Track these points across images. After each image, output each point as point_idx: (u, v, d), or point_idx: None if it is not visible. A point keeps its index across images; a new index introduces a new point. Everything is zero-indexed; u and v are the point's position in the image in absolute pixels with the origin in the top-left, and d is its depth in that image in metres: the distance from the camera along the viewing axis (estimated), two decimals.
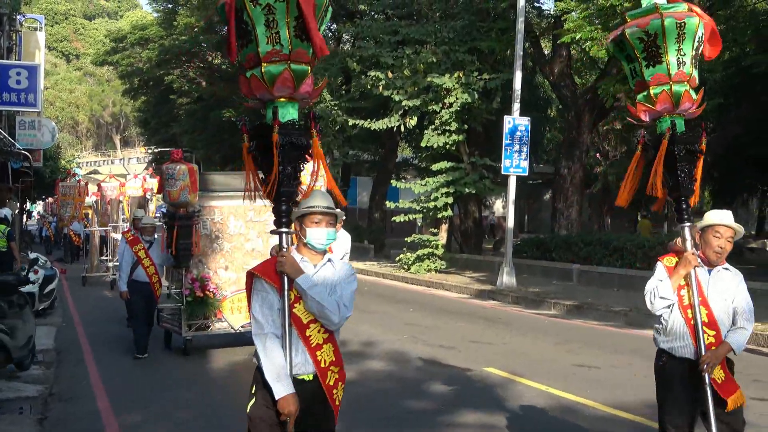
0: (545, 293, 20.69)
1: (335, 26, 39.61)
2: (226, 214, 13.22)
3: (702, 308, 5.92)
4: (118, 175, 31.93)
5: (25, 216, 49.10)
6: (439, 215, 27.11)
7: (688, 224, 5.92)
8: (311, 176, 5.13)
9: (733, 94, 22.31)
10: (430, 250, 27.15)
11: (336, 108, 29.93)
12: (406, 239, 28.39)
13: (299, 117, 4.98)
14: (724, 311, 6.04)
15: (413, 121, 26.93)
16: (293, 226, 5.12)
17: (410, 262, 27.41)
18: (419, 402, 9.82)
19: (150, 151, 66.05)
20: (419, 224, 34.58)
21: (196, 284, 12.68)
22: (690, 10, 5.53)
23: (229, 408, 9.56)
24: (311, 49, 4.79)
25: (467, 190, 26.64)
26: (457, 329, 15.79)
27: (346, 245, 13.40)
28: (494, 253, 33.63)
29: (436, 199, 26.44)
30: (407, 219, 27.95)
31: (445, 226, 29.64)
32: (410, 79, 26.22)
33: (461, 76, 25.77)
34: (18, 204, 28.13)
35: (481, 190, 27.16)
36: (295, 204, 5.08)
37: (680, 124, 5.85)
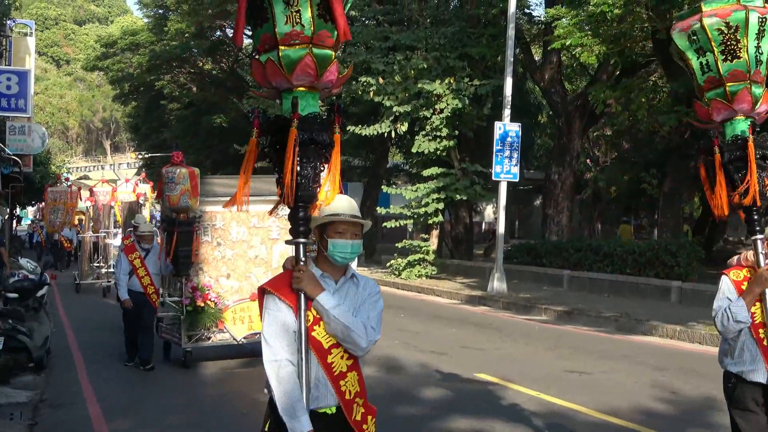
0: (536, 299, 20.72)
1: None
2: (228, 220, 12.68)
3: None
4: (109, 181, 31.68)
5: (15, 221, 48.96)
6: (430, 221, 27.13)
7: (761, 236, 5.35)
8: (325, 179, 4.39)
9: None
10: (421, 255, 27.17)
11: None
12: (397, 245, 28.41)
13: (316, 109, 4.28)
14: None
15: (404, 127, 26.96)
16: (312, 236, 4.39)
17: (401, 268, 27.42)
18: (411, 408, 9.82)
19: (140, 156, 65.96)
20: (410, 230, 34.58)
21: (196, 293, 12.16)
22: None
23: (221, 415, 9.55)
24: (335, 32, 4.09)
25: (458, 195, 26.67)
26: (448, 335, 15.80)
27: None
28: (485, 258, 33.67)
29: (426, 204, 26.46)
30: (398, 225, 27.98)
31: (435, 232, 29.68)
32: (401, 85, 26.25)
33: (452, 82, 25.81)
34: (8, 209, 28.05)
35: (471, 195, 27.19)
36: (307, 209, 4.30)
37: (745, 127, 5.27)
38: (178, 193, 11.63)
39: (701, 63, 5.27)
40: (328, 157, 4.26)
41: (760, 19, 5.08)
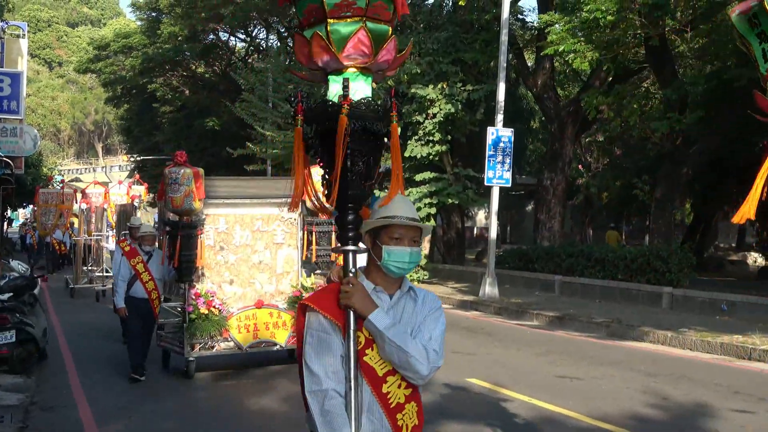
0: (527, 304, 20.74)
1: None
2: (231, 224, 12.24)
3: None
4: (101, 183, 31.44)
5: (6, 224, 48.80)
6: None
7: None
8: (381, 176, 3.84)
9: (715, 107, 22.47)
10: None
11: None
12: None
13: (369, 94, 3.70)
14: None
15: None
16: (363, 243, 3.81)
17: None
18: None
19: (132, 159, 65.84)
20: None
21: (200, 300, 11.63)
22: None
23: (214, 420, 9.54)
24: (392, 4, 3.58)
25: (450, 200, 26.70)
26: None
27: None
28: (477, 263, 33.68)
29: (419, 209, 26.47)
30: None
31: (428, 237, 29.66)
32: None
33: (445, 87, 25.84)
34: None
35: (464, 200, 27.21)
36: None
37: None
38: (182, 194, 11.06)
39: (764, 50, 4.64)
40: (383, 150, 3.74)
41: None
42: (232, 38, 50.68)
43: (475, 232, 52.79)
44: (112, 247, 23.05)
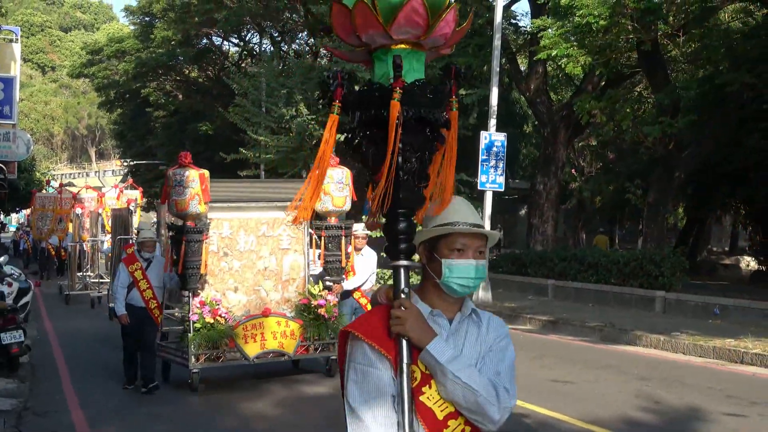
0: (521, 308, 20.76)
1: (312, 41, 39.70)
2: (235, 228, 11.74)
3: None
4: (93, 187, 31.17)
5: None
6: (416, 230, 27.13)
7: None
8: (436, 172, 3.12)
9: (707, 112, 22.54)
10: None
11: (313, 122, 29.94)
12: (382, 254, 28.37)
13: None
14: None
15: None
16: (418, 256, 3.15)
17: (386, 278, 27.42)
18: None
19: (126, 163, 65.79)
20: None
21: (205, 309, 11.00)
22: None
23: (207, 422, 9.54)
24: None
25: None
26: None
27: (372, 264, 12.71)
28: None
29: None
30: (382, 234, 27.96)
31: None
32: None
33: None
34: None
35: None
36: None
37: None
38: (187, 197, 10.46)
39: None
40: (440, 142, 3.04)
41: None
42: (226, 43, 50.71)
43: None
44: (106, 250, 22.89)
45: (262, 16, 40.44)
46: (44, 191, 32.08)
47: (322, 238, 11.91)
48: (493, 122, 22.82)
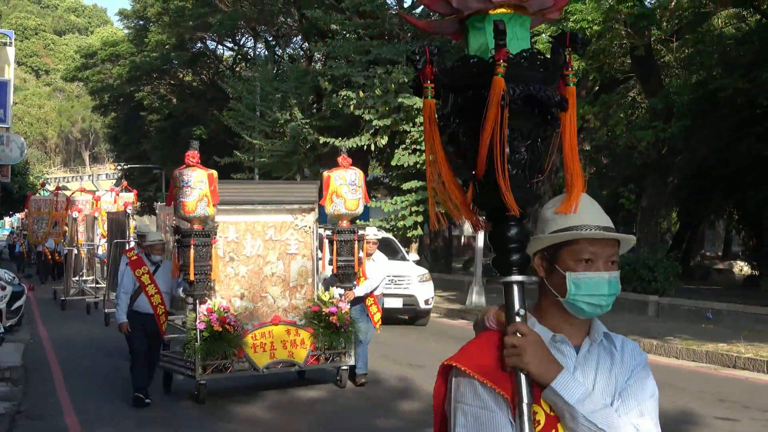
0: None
1: (307, 45, 39.74)
2: (242, 232, 11.18)
3: None
4: (88, 191, 30.88)
5: None
6: (409, 234, 27.16)
7: None
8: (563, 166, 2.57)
9: (701, 117, 22.61)
10: None
11: (307, 126, 29.98)
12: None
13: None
14: None
15: (384, 140, 27.02)
16: (535, 268, 2.54)
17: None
18: (389, 420, 9.85)
19: (119, 167, 65.78)
20: None
21: (213, 317, 10.32)
22: None
23: (200, 426, 9.55)
24: None
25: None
26: (426, 348, 15.83)
27: (384, 270, 12.32)
28: (464, 272, 33.72)
29: (404, 218, 26.51)
30: None
31: (415, 245, 29.71)
32: (381, 98, 26.32)
33: None
34: None
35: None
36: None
37: None
38: (195, 198, 9.92)
39: None
40: (554, 126, 2.43)
41: None
42: (220, 47, 50.79)
43: (463, 240, 52.84)
44: (101, 254, 22.66)
45: (256, 20, 40.50)
46: (39, 194, 31.91)
47: (334, 243, 11.32)
48: None
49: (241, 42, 48.94)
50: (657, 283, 21.05)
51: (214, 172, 10.31)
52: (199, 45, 48.11)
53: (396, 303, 18.43)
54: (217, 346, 10.34)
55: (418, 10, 31.42)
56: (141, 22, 50.33)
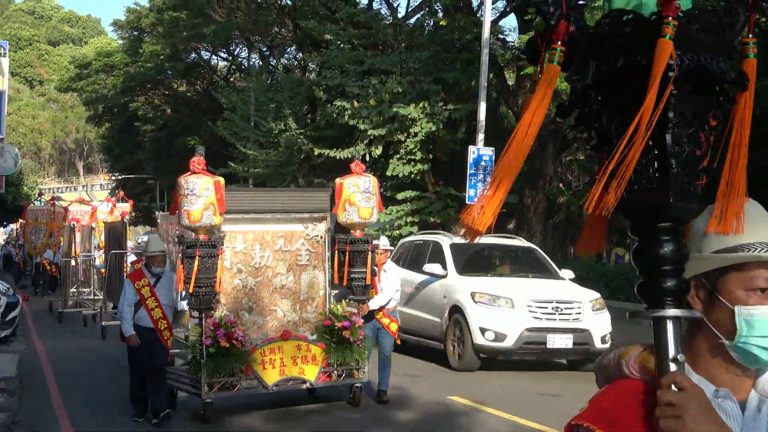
0: None
1: (301, 55, 39.83)
2: (250, 242, 10.71)
3: None
4: (77, 202, 30.56)
5: None
6: None
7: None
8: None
9: None
10: None
11: (301, 136, 30.03)
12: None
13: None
14: None
15: (378, 150, 27.06)
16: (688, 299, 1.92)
17: None
18: (384, 430, 9.85)
19: (114, 178, 65.78)
20: None
21: (219, 331, 9.78)
22: None
23: None
24: None
25: (432, 219, 26.75)
26: (421, 357, 15.82)
27: (397, 282, 11.76)
28: None
29: (400, 227, 26.53)
30: None
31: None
32: (376, 108, 26.37)
33: (426, 106, 25.96)
34: None
35: (445, 219, 27.27)
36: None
37: None
38: (201, 207, 9.38)
39: None
40: (726, 110, 1.86)
41: None
42: (214, 57, 50.87)
43: None
44: (98, 266, 22.46)
45: (250, 31, 40.57)
46: (34, 204, 31.73)
47: (346, 253, 10.70)
48: (481, 137, 22.90)
49: (236, 52, 49.05)
50: None
51: (221, 180, 9.81)
52: (193, 55, 48.21)
53: (563, 341, 13.87)
54: (224, 362, 9.82)
55: (412, 20, 31.55)
56: (135, 33, 50.42)
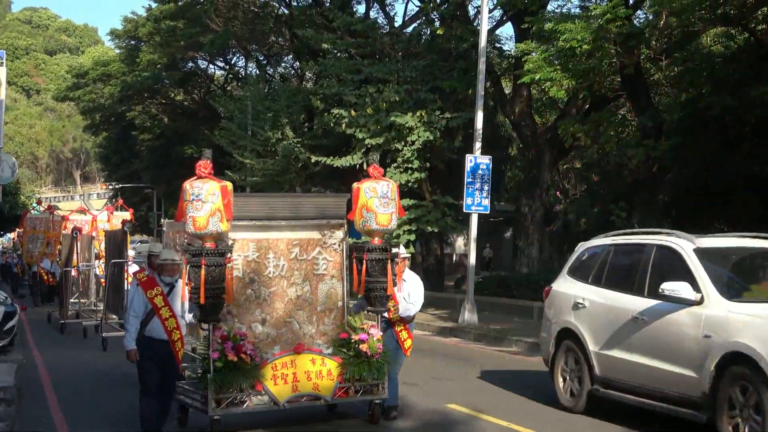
0: (506, 330, 20.78)
1: (298, 64, 39.88)
2: (263, 250, 10.06)
3: None
4: (78, 212, 30.35)
5: None
6: None
7: None
8: None
9: (690, 135, 22.71)
10: None
11: (299, 145, 30.07)
12: None
13: None
14: None
15: (376, 159, 27.08)
16: None
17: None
18: None
19: (111, 187, 65.75)
20: None
21: (227, 345, 9.29)
22: None
23: None
24: None
25: (429, 227, 26.79)
26: (419, 366, 15.79)
27: (420, 290, 11.38)
28: (456, 290, 33.73)
29: (398, 236, 26.53)
30: None
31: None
32: (373, 117, 26.42)
33: (423, 114, 26.00)
34: None
35: (443, 227, 27.32)
36: None
37: None
38: (207, 213, 8.92)
39: None
40: None
41: None
42: (211, 66, 50.91)
43: (455, 258, 52.85)
44: (101, 277, 22.20)
45: (247, 40, 40.67)
46: (31, 212, 31.55)
47: (364, 262, 10.20)
48: (478, 145, 22.92)
49: (233, 61, 49.13)
50: None
51: (229, 184, 9.25)
52: (190, 64, 48.25)
53: None
54: (232, 377, 9.29)
55: (409, 29, 31.62)
56: (132, 42, 50.47)
